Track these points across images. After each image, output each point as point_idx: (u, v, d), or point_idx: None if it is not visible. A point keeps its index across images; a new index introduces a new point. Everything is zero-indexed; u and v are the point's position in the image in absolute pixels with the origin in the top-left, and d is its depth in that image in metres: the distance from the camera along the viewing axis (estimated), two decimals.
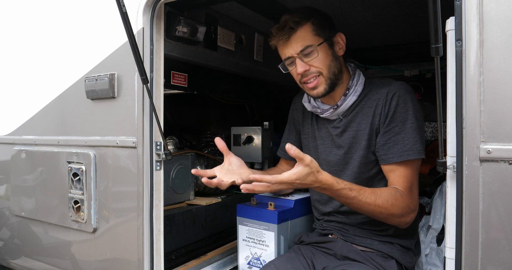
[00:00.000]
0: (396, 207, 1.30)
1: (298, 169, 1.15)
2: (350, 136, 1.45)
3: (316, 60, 1.38)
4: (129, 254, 1.59)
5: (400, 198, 1.31)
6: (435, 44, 0.95)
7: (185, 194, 2.13)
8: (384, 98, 1.37)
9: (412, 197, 1.35)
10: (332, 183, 1.23)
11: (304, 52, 1.37)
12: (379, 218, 1.34)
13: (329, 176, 1.23)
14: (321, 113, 1.49)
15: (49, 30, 1.97)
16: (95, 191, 1.69)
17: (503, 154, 0.94)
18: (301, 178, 1.16)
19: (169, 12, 1.67)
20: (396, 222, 1.35)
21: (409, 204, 1.33)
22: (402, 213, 1.32)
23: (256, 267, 1.68)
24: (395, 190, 1.33)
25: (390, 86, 1.39)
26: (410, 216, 1.35)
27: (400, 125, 1.35)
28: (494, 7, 0.95)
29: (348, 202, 1.29)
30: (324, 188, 1.23)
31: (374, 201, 1.28)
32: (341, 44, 1.44)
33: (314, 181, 1.19)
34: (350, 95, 1.43)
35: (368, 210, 1.30)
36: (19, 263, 2.16)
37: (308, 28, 1.37)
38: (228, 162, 1.41)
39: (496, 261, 0.95)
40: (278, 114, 3.32)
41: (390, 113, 1.36)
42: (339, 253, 1.46)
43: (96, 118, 1.71)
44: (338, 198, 1.30)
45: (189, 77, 2.00)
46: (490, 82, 0.95)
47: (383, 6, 1.91)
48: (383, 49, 2.70)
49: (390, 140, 1.36)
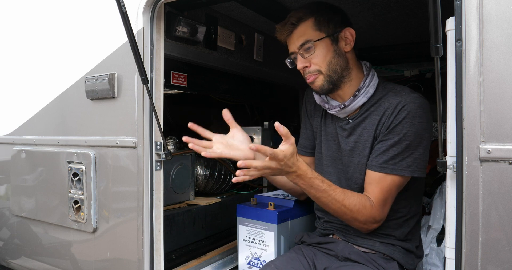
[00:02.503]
0: (361, 213, 1.31)
1: (286, 146, 1.20)
2: (353, 141, 1.43)
3: (315, 57, 1.36)
4: (129, 254, 1.59)
5: (368, 207, 1.32)
6: (435, 44, 0.95)
7: (185, 194, 2.13)
8: (393, 108, 1.33)
9: (381, 210, 1.34)
10: (306, 171, 1.27)
11: (304, 48, 1.36)
12: (342, 218, 1.36)
13: (305, 165, 1.27)
14: (329, 108, 1.46)
15: (49, 30, 1.97)
16: (95, 191, 1.69)
17: (503, 154, 0.94)
18: (287, 156, 1.20)
19: (169, 12, 1.67)
20: (357, 226, 1.38)
21: (375, 215, 1.33)
22: (365, 221, 1.33)
23: (256, 267, 1.68)
24: (366, 198, 1.33)
25: (403, 97, 1.32)
26: (372, 226, 1.37)
27: (396, 139, 1.31)
28: (494, 7, 0.95)
29: (318, 195, 1.30)
30: (299, 175, 1.26)
31: (342, 200, 1.30)
32: (349, 39, 1.39)
33: (294, 164, 1.23)
34: (359, 96, 1.39)
35: (334, 208, 1.32)
36: (19, 263, 2.16)
37: (309, 24, 1.36)
38: (231, 134, 1.37)
39: (496, 261, 0.95)
40: (278, 114, 3.32)
41: (393, 124, 1.32)
42: (341, 254, 1.45)
43: (96, 118, 1.71)
44: (310, 189, 1.30)
45: (189, 77, 2.00)
46: (490, 82, 0.95)
47: (383, 6, 1.90)
48: (383, 49, 2.70)
49: (380, 149, 1.34)
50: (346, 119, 1.46)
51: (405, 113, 1.30)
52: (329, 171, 1.52)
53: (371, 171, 1.36)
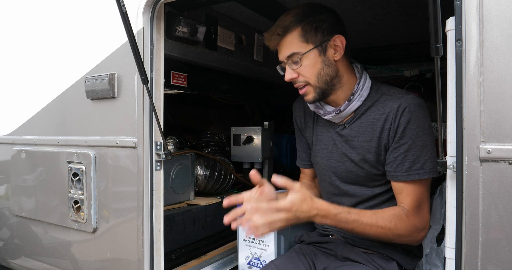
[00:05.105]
0: (400, 227, 1.27)
1: (290, 196, 1.19)
2: (352, 146, 1.41)
3: (302, 69, 1.33)
4: (129, 254, 1.59)
5: (405, 218, 1.28)
6: (435, 44, 0.95)
7: (185, 194, 2.13)
8: (395, 112, 1.30)
9: (420, 216, 1.30)
10: (329, 208, 1.23)
11: (291, 59, 1.33)
12: (387, 239, 1.31)
13: (324, 202, 1.24)
14: (324, 114, 1.44)
15: (49, 30, 1.97)
16: (95, 191, 1.69)
17: (503, 154, 0.94)
18: (296, 204, 1.18)
19: (169, 12, 1.67)
20: (405, 241, 1.33)
21: (416, 223, 1.29)
22: (408, 233, 1.28)
23: (256, 267, 1.68)
24: (399, 209, 1.30)
25: (401, 99, 1.31)
26: (420, 235, 1.31)
27: (410, 142, 1.28)
28: (494, 7, 0.95)
29: (350, 227, 1.26)
30: (323, 215, 1.22)
31: (376, 222, 1.26)
32: (339, 47, 1.33)
33: (311, 207, 1.20)
34: (354, 100, 1.37)
35: (372, 232, 1.27)
36: (19, 263, 2.16)
37: (296, 34, 1.31)
38: (260, 192, 1.26)
39: (496, 261, 0.95)
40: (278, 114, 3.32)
41: (400, 128, 1.29)
42: (340, 253, 1.45)
43: (96, 118, 1.71)
44: (341, 225, 1.26)
45: (189, 77, 2.00)
46: (490, 82, 0.95)
47: (383, 6, 1.90)
48: (383, 49, 2.70)
49: (398, 157, 1.30)
50: (341, 124, 1.44)
51: (409, 115, 1.28)
52: (330, 180, 1.50)
53: (397, 181, 1.32)
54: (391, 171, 1.33)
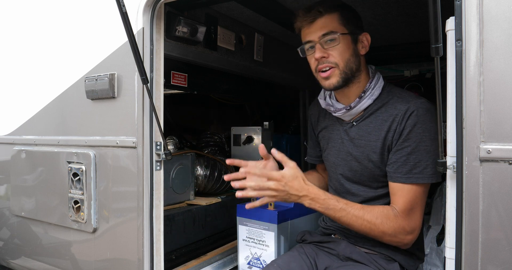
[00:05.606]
0: (386, 225, 1.28)
1: (284, 170, 1.27)
2: (358, 145, 1.42)
3: (335, 49, 1.34)
4: (129, 254, 1.59)
5: (392, 218, 1.28)
6: (435, 44, 0.95)
7: (185, 194, 2.13)
8: (402, 115, 1.31)
9: (410, 220, 1.29)
10: (318, 192, 1.29)
11: (326, 38, 1.33)
12: (372, 235, 1.32)
13: (316, 187, 1.30)
14: (334, 111, 1.45)
15: (49, 30, 1.97)
16: (95, 191, 1.69)
17: (503, 154, 0.94)
18: (286, 178, 1.26)
19: (169, 12, 1.67)
20: (391, 241, 1.33)
21: (403, 225, 1.28)
22: (394, 233, 1.29)
23: (256, 267, 1.68)
24: (389, 209, 1.31)
25: (410, 103, 1.31)
26: (406, 238, 1.30)
27: (413, 145, 1.28)
28: (494, 7, 0.95)
29: (337, 215, 1.30)
30: (312, 198, 1.28)
31: (362, 215, 1.28)
32: (365, 43, 1.40)
33: (302, 187, 1.27)
34: (365, 98, 1.39)
35: (357, 225, 1.29)
36: (19, 263, 2.16)
37: (335, 16, 1.35)
38: (264, 165, 1.40)
39: (496, 261, 0.95)
40: (278, 114, 3.32)
41: (405, 131, 1.30)
42: (342, 253, 1.45)
43: (96, 118, 1.71)
44: (328, 211, 1.30)
45: (189, 77, 2.00)
46: (490, 82, 0.95)
47: (383, 6, 1.90)
48: (383, 49, 2.70)
49: (400, 159, 1.31)
50: (350, 122, 1.45)
51: (416, 118, 1.29)
52: (336, 177, 1.52)
53: (395, 182, 1.33)
54: (391, 172, 1.34)
